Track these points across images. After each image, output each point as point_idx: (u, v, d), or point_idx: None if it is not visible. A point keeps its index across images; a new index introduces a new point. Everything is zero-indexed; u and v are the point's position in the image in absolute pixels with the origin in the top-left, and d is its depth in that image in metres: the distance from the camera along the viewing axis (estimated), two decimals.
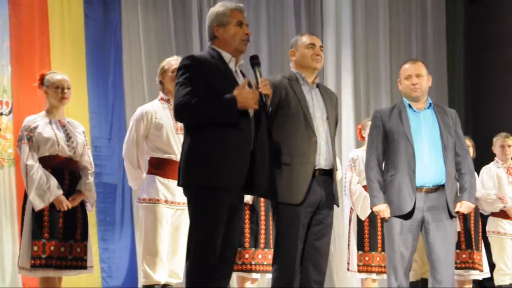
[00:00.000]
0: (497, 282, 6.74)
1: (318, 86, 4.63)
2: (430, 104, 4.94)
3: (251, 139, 3.94)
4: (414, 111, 4.89)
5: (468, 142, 6.24)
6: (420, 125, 4.84)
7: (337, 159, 4.95)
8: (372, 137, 4.96)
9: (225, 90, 3.86)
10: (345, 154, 8.07)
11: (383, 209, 4.80)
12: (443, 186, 4.76)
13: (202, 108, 3.81)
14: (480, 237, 6.56)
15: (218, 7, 4.15)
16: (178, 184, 3.98)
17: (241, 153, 3.88)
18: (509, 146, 6.91)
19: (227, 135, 3.84)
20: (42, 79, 5.09)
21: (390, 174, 4.83)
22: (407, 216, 4.73)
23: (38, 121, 4.96)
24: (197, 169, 3.86)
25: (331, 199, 4.50)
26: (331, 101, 4.65)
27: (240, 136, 3.88)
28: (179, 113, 3.89)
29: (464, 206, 4.85)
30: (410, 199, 4.72)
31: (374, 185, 4.85)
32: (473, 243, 6.42)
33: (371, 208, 4.95)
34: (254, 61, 4.05)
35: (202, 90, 3.85)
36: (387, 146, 4.87)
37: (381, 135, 4.89)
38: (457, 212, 4.84)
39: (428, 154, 4.77)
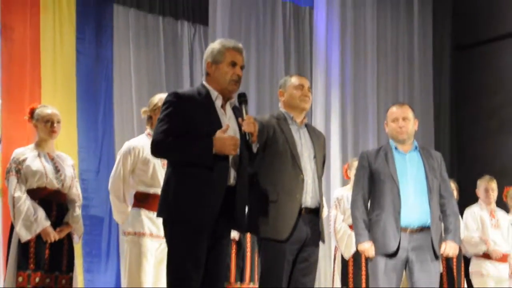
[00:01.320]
0: None
1: (306, 126, 4.67)
2: (416, 146, 4.98)
3: (226, 177, 3.89)
4: (400, 153, 4.93)
5: (452, 185, 6.27)
6: (406, 167, 4.88)
7: (323, 198, 4.97)
8: (358, 177, 4.99)
9: (206, 127, 3.85)
10: (333, 192, 8.07)
11: (367, 248, 4.81)
12: (428, 227, 4.79)
13: (176, 148, 3.83)
14: (463, 278, 6.57)
15: (215, 44, 4.12)
16: (157, 215, 3.98)
17: (214, 190, 3.84)
18: (492, 189, 6.94)
19: (201, 173, 3.82)
20: (32, 112, 5.10)
21: (376, 214, 4.86)
22: (392, 255, 4.75)
23: (27, 153, 4.96)
24: (170, 204, 3.86)
25: (317, 236, 4.50)
26: (319, 140, 4.68)
27: (215, 174, 3.84)
28: (154, 150, 3.89)
29: (449, 247, 4.88)
30: (394, 239, 4.74)
31: (360, 224, 4.87)
32: (456, 284, 6.42)
33: (356, 246, 4.95)
34: (242, 99, 4.05)
35: (181, 128, 3.84)
36: (373, 186, 4.90)
37: (367, 175, 4.92)
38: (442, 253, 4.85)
39: (414, 195, 4.81)
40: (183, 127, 3.84)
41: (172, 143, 3.81)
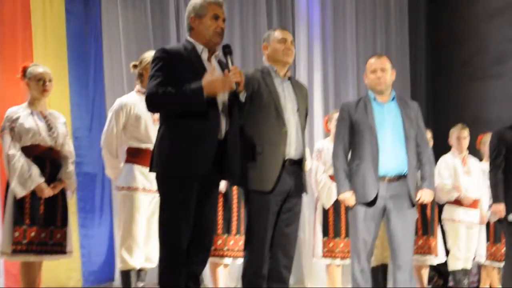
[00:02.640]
0: (450, 267, 6.77)
1: (289, 79, 4.62)
2: (393, 97, 4.96)
3: (218, 128, 3.93)
4: (379, 103, 4.90)
5: (428, 134, 6.26)
6: (384, 117, 4.85)
7: (307, 150, 4.94)
8: (339, 128, 4.96)
9: (194, 79, 3.85)
10: (316, 144, 8.07)
11: (348, 197, 4.81)
12: (405, 176, 4.78)
13: (169, 98, 3.82)
14: (436, 224, 6.60)
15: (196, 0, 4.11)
16: (150, 170, 3.98)
17: (207, 141, 3.87)
18: (464, 137, 6.91)
19: (193, 125, 3.85)
20: (24, 71, 5.03)
21: (356, 164, 4.84)
22: (371, 203, 4.75)
23: (20, 112, 4.91)
24: (163, 158, 3.88)
25: (300, 188, 4.50)
26: (302, 93, 4.65)
27: (206, 125, 3.86)
28: (149, 103, 3.90)
29: (425, 194, 4.89)
30: (373, 187, 4.74)
31: (341, 174, 4.86)
32: (430, 230, 6.46)
33: (338, 196, 4.95)
34: (226, 50, 4.05)
35: (172, 81, 3.85)
36: (353, 137, 4.88)
37: (347, 127, 4.89)
38: (418, 200, 4.85)
39: (391, 144, 4.79)
40: (173, 80, 3.85)
41: (165, 94, 3.82)
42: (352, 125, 4.88)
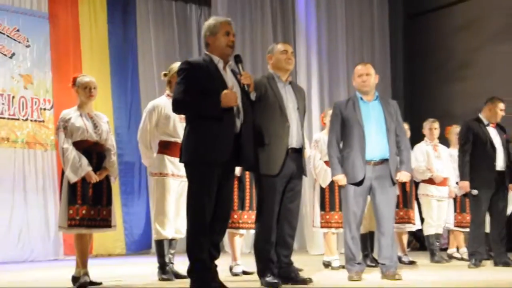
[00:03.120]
0: (425, 232, 6.78)
1: (290, 83, 4.62)
2: (377, 96, 4.93)
3: (234, 124, 3.94)
4: (365, 102, 4.87)
5: (406, 126, 6.23)
6: (369, 113, 4.82)
7: (306, 140, 4.93)
8: (332, 123, 4.94)
9: (212, 87, 3.89)
10: (314, 135, 8.08)
11: (341, 178, 4.79)
12: (387, 160, 4.76)
13: (192, 105, 3.88)
14: (414, 199, 6.60)
15: (210, 21, 4.16)
16: (180, 161, 4.00)
17: (225, 135, 3.89)
18: (435, 128, 6.91)
19: (213, 123, 3.86)
20: (74, 81, 5.01)
21: (346, 151, 4.82)
22: (359, 183, 4.73)
23: (72, 114, 4.90)
24: (191, 149, 3.89)
25: (301, 171, 4.50)
26: (300, 95, 4.64)
27: (224, 122, 3.88)
28: (175, 108, 3.94)
29: (403, 175, 4.86)
30: (361, 170, 4.72)
31: (334, 160, 4.84)
32: (408, 203, 6.45)
33: (332, 177, 4.94)
34: (237, 59, 4.10)
35: (194, 87, 3.88)
36: (344, 130, 4.85)
37: (339, 122, 4.87)
38: (397, 180, 4.84)
39: (375, 135, 4.76)
40: (196, 86, 3.87)
41: (189, 101, 3.86)
42: (343, 120, 4.85)
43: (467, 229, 6.70)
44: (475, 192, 5.74)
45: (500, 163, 5.79)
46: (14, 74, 8.25)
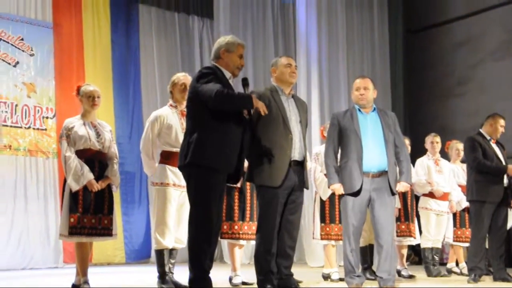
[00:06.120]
0: (422, 245, 6.75)
1: (293, 96, 4.61)
2: (374, 108, 4.90)
3: (241, 138, 3.98)
4: (363, 113, 4.85)
5: (407, 141, 6.21)
6: (367, 124, 4.79)
7: (307, 153, 4.91)
8: (330, 133, 4.92)
9: None
10: (313, 148, 8.05)
11: (337, 188, 4.75)
12: (385, 171, 4.71)
13: (233, 96, 3.92)
14: (415, 212, 6.57)
15: (229, 38, 4.20)
16: (180, 165, 3.99)
17: (234, 146, 3.93)
18: (437, 142, 6.89)
19: (225, 131, 3.89)
20: (78, 90, 5.00)
21: (344, 161, 4.78)
22: (357, 194, 4.68)
23: (75, 122, 4.88)
24: (201, 152, 3.87)
25: (302, 183, 4.48)
26: (303, 108, 4.63)
27: (234, 132, 3.91)
28: (216, 99, 3.85)
29: (402, 186, 4.81)
30: (358, 180, 4.67)
31: (331, 169, 4.80)
32: (410, 217, 6.42)
33: (328, 186, 4.91)
34: (244, 82, 4.15)
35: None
36: (342, 140, 4.82)
37: (337, 132, 4.84)
38: (397, 190, 4.81)
39: (373, 146, 4.72)
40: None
41: (230, 93, 3.91)
42: (340, 130, 4.82)
43: (466, 244, 6.68)
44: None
45: (505, 179, 5.77)
46: (18, 83, 8.25)
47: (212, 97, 3.84)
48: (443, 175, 6.78)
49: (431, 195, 6.71)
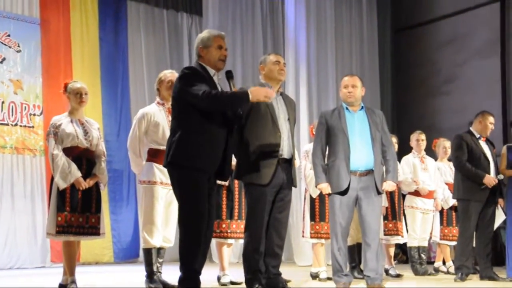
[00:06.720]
0: (408, 244, 6.76)
1: (281, 94, 4.59)
2: (362, 107, 4.89)
3: (225, 136, 3.94)
4: (350, 112, 4.83)
5: (394, 139, 6.21)
6: (354, 123, 4.78)
7: (295, 150, 4.90)
8: (318, 132, 4.90)
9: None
10: (302, 146, 8.04)
11: (325, 187, 4.74)
12: (372, 170, 4.70)
13: (222, 97, 3.83)
14: (402, 211, 6.58)
15: (204, 34, 4.14)
16: (165, 164, 3.95)
17: (218, 145, 3.90)
18: (422, 140, 6.89)
19: (209, 131, 3.85)
20: (65, 87, 4.95)
21: (331, 160, 4.76)
22: (344, 193, 4.67)
23: (62, 119, 4.84)
24: (184, 153, 3.84)
25: (291, 181, 4.46)
26: (291, 106, 4.61)
27: (218, 132, 3.88)
28: (206, 101, 3.80)
29: (388, 185, 4.80)
30: (346, 179, 4.66)
31: (318, 169, 4.78)
32: (397, 216, 6.42)
33: (316, 186, 4.89)
34: (229, 75, 4.05)
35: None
36: (329, 139, 4.80)
37: (324, 130, 4.83)
38: (383, 189, 4.80)
39: (360, 145, 4.71)
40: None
41: (220, 93, 3.83)
42: (328, 129, 4.80)
43: (453, 243, 6.70)
44: (501, 177, 5.74)
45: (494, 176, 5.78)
46: (4, 79, 8.16)
47: (198, 101, 3.81)
48: (429, 173, 6.80)
49: (416, 193, 6.71)
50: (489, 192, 5.72)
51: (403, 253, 9.18)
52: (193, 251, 3.81)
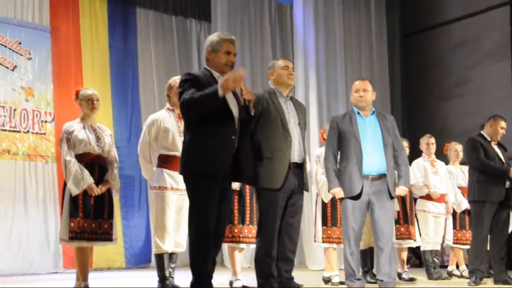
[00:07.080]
0: (422, 248, 6.74)
1: (291, 98, 4.60)
2: (373, 111, 4.91)
3: (235, 137, 3.91)
4: (362, 116, 4.86)
5: (405, 143, 6.21)
6: (366, 128, 4.80)
7: (306, 155, 4.90)
8: (329, 136, 4.92)
9: None
10: (312, 150, 8.03)
11: (337, 191, 4.76)
12: (384, 175, 4.72)
13: (195, 99, 3.75)
14: (414, 215, 6.56)
15: (214, 36, 4.10)
16: (180, 173, 3.97)
17: (226, 148, 3.86)
18: (432, 143, 6.89)
19: (215, 134, 3.82)
20: (77, 94, 5.00)
21: (343, 165, 4.78)
22: (357, 197, 4.68)
23: (75, 126, 4.88)
24: (191, 161, 3.85)
25: (302, 186, 4.46)
26: (301, 110, 4.62)
27: (225, 134, 3.85)
28: (185, 110, 3.82)
29: (401, 189, 4.83)
30: (358, 184, 4.68)
31: (331, 173, 4.80)
32: (409, 220, 6.40)
33: (328, 190, 4.91)
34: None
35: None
36: (341, 143, 4.82)
37: (336, 135, 4.85)
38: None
39: (372, 149, 4.73)
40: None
41: (193, 97, 3.75)
42: (340, 134, 4.83)
43: (467, 246, 6.67)
44: None
45: (506, 181, 5.74)
46: (16, 87, 8.22)
47: (183, 108, 3.83)
48: (439, 176, 6.78)
49: (428, 197, 6.70)
50: (504, 193, 5.68)
51: (416, 257, 9.15)
52: (202, 256, 3.81)
